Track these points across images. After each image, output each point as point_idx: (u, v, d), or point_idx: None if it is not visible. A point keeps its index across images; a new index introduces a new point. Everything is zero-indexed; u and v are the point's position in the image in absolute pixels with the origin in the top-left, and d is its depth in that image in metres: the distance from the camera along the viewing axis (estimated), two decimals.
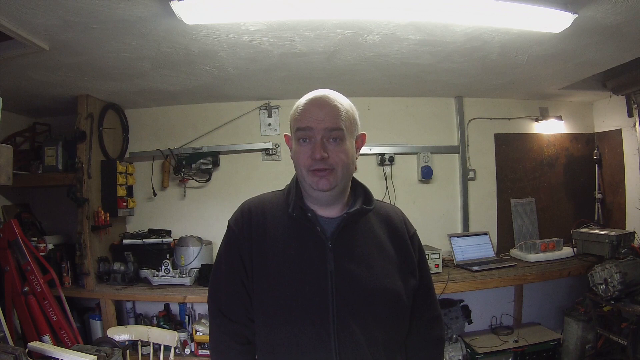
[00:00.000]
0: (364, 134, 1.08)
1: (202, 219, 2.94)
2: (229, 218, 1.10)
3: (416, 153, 3.04)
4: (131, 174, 2.83)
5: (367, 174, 2.99)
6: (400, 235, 1.08)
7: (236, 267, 1.03)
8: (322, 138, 0.97)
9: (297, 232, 1.02)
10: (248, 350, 1.03)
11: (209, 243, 2.82)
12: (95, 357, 1.60)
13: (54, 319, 2.29)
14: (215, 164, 2.89)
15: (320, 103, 0.99)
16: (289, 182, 1.12)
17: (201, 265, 2.64)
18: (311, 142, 0.98)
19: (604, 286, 2.32)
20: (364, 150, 2.92)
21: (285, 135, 1.12)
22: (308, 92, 1.05)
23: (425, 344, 1.10)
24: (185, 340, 2.54)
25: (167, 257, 2.68)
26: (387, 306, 1.00)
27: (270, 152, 2.96)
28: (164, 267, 2.58)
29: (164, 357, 1.94)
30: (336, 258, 0.98)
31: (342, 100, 1.02)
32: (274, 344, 0.98)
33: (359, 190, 1.10)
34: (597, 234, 2.72)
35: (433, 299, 1.14)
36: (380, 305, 0.99)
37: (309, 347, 0.96)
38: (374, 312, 0.99)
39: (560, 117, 3.24)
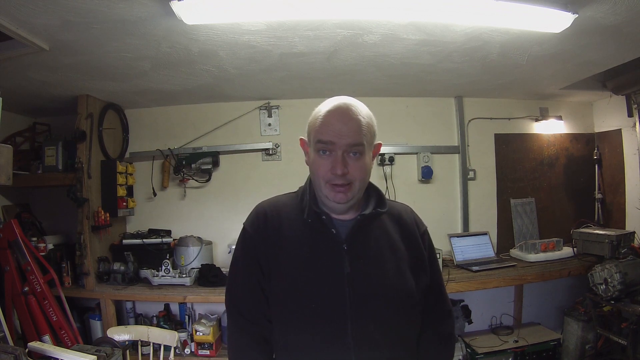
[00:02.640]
0: (380, 143, 1.09)
1: (202, 219, 2.94)
2: (244, 220, 1.10)
3: (416, 153, 3.04)
4: (131, 174, 2.83)
5: None
6: (412, 234, 1.10)
7: (253, 269, 1.04)
8: (343, 152, 0.97)
9: (312, 235, 1.03)
10: (267, 350, 1.04)
11: (209, 243, 2.82)
12: (95, 357, 1.60)
13: (54, 319, 2.29)
14: (215, 164, 2.89)
15: (344, 116, 0.98)
16: (302, 184, 1.12)
17: (201, 265, 2.64)
18: (331, 156, 0.98)
19: (604, 286, 2.32)
20: None
21: (301, 139, 1.11)
22: (308, 92, 1.05)
23: (436, 340, 1.11)
24: (185, 340, 2.54)
25: (167, 257, 2.68)
26: (402, 305, 1.02)
27: (270, 152, 2.96)
28: (164, 267, 2.58)
29: (164, 357, 1.94)
30: (351, 260, 1.00)
31: (364, 113, 1.01)
32: (293, 346, 1.00)
33: (372, 192, 1.11)
34: (597, 234, 2.72)
35: (444, 295, 1.16)
36: (396, 305, 1.01)
37: (327, 348, 0.97)
38: (390, 312, 1.00)
39: (560, 117, 3.24)
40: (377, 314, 0.98)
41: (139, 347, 2.08)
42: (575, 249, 2.80)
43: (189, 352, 2.53)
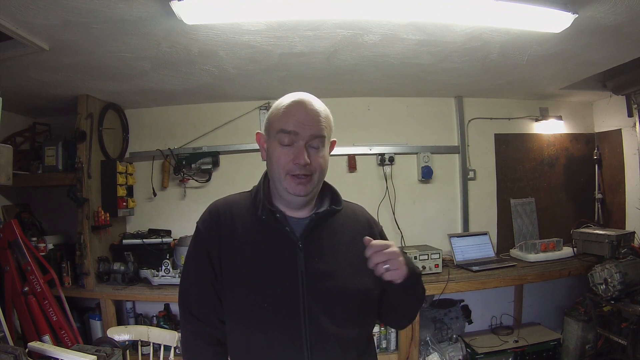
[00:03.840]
0: (334, 140, 1.09)
1: None
2: (197, 220, 1.09)
3: (416, 153, 3.04)
4: (131, 174, 2.83)
5: (367, 174, 2.99)
6: (369, 233, 1.09)
7: (205, 269, 1.03)
8: (306, 143, 0.98)
9: (266, 233, 1.02)
10: (220, 352, 1.04)
11: None
12: (95, 357, 1.60)
13: (54, 319, 2.29)
14: (215, 164, 2.89)
15: (307, 108, 1.00)
16: (256, 183, 1.11)
17: None
18: (293, 146, 0.98)
19: (604, 286, 2.32)
20: (364, 150, 2.98)
21: (258, 133, 1.10)
22: (308, 92, 1.05)
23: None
24: None
25: (167, 257, 2.68)
26: (357, 304, 1.02)
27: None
28: (164, 267, 2.58)
29: (164, 357, 1.94)
30: (307, 258, 0.99)
31: (322, 107, 1.03)
32: (248, 346, 0.99)
33: (326, 191, 1.11)
34: (597, 234, 2.72)
35: None
36: (352, 303, 1.01)
37: (281, 348, 0.97)
38: (346, 311, 1.00)
39: (560, 117, 3.24)
40: (333, 313, 0.98)
41: (139, 347, 2.08)
42: (575, 249, 2.81)
43: None
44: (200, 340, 1.03)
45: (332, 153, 1.07)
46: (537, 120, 3.21)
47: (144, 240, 2.73)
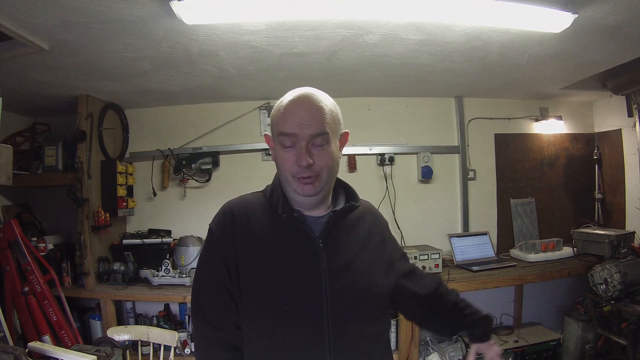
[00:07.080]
0: (347, 132, 1.06)
1: (202, 219, 2.92)
2: (210, 221, 1.06)
3: (416, 153, 3.04)
4: (131, 174, 2.83)
5: (367, 174, 2.99)
6: (380, 230, 1.11)
7: (220, 272, 0.99)
8: (307, 143, 0.94)
9: (285, 232, 1.00)
10: (236, 358, 1.00)
11: None
12: (95, 357, 1.60)
13: (54, 319, 2.29)
14: (215, 164, 2.89)
15: (305, 104, 0.96)
16: (269, 183, 1.09)
17: None
18: (295, 148, 0.95)
19: (604, 286, 2.32)
20: (364, 150, 2.98)
21: (265, 135, 1.08)
22: None
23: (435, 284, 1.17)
24: (185, 340, 2.54)
25: (167, 257, 2.68)
26: (377, 301, 1.02)
27: (270, 152, 2.95)
28: (164, 267, 2.58)
29: (164, 357, 1.94)
30: (328, 256, 0.97)
31: (326, 101, 0.99)
32: (269, 349, 0.96)
33: (339, 188, 1.09)
34: (597, 234, 2.72)
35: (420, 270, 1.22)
36: (372, 301, 1.01)
37: (303, 349, 0.95)
38: (368, 308, 1.00)
39: (560, 117, 3.24)
40: (356, 311, 0.97)
41: (139, 347, 2.08)
42: (575, 249, 2.80)
43: (189, 352, 2.53)
44: (215, 345, 1.00)
45: None
46: (537, 120, 3.21)
47: (144, 240, 2.73)
